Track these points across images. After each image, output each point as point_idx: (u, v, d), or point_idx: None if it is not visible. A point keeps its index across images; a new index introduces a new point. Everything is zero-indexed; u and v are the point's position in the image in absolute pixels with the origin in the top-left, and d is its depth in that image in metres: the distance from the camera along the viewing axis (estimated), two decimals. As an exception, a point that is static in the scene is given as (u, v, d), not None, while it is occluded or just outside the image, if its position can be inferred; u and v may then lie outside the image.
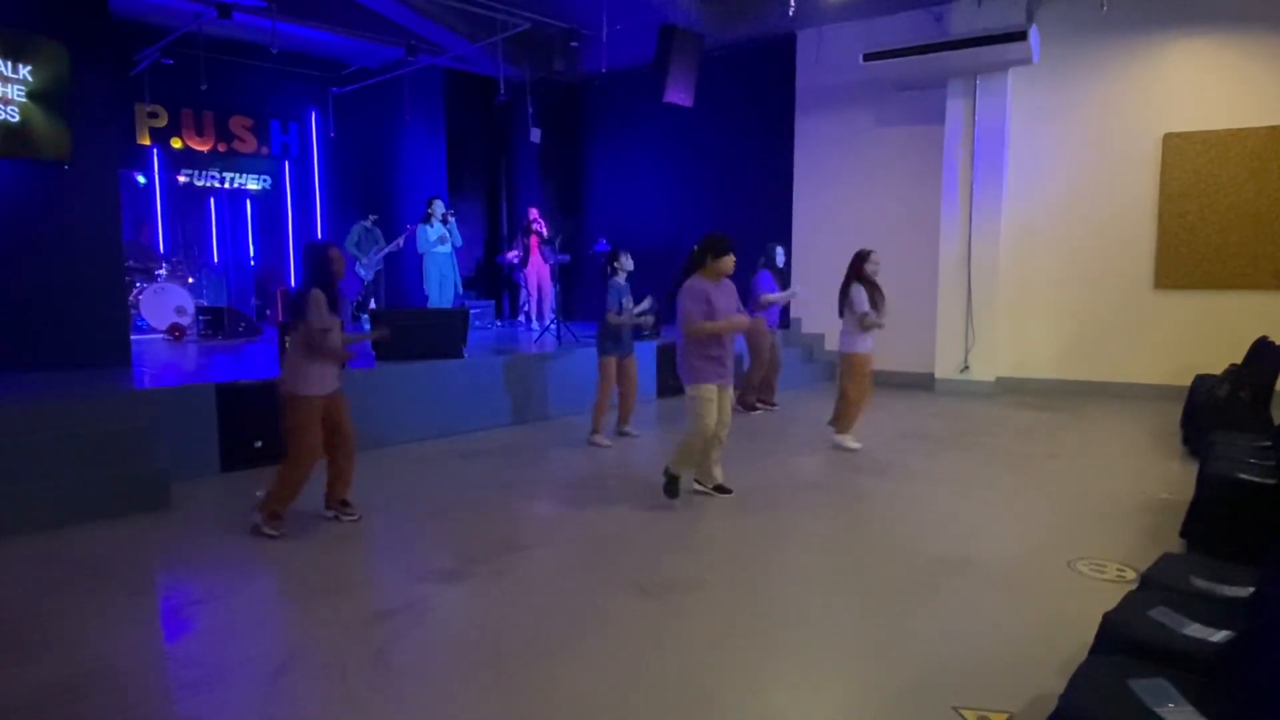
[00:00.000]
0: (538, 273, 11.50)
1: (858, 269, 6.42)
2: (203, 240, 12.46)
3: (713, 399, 4.91)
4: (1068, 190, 9.21)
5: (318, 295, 4.33)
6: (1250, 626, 2.19)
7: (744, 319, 5.08)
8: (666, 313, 5.80)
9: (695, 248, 4.99)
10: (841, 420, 6.58)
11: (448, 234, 10.19)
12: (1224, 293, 8.49)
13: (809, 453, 6.49)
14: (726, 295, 5.00)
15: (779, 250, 8.47)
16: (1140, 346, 8.93)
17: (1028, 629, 3.25)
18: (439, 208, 10.26)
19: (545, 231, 11.07)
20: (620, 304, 6.68)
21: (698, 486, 5.22)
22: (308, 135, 13.34)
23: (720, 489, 5.19)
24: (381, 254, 11.01)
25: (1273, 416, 5.84)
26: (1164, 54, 8.65)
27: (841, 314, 6.47)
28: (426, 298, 10.27)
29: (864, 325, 6.31)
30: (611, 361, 6.78)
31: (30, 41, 6.29)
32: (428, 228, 10.10)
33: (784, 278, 8.48)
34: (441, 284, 10.23)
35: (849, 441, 6.51)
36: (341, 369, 4.63)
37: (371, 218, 11.11)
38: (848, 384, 6.49)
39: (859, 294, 6.31)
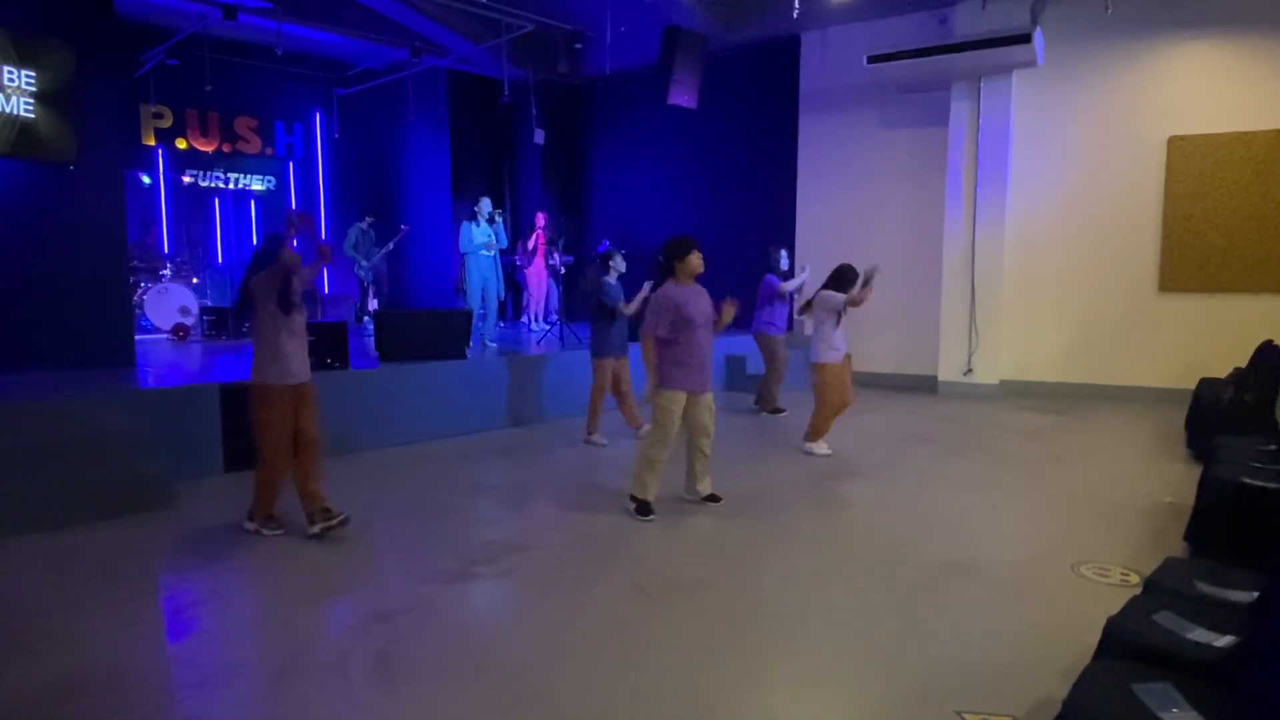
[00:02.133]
0: (538, 275, 11.53)
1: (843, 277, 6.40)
2: (207, 240, 12.50)
3: (678, 408, 4.76)
4: (1072, 193, 9.19)
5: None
6: (1254, 631, 2.18)
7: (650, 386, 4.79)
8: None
9: (660, 258, 4.83)
10: (811, 429, 6.50)
11: (493, 236, 9.56)
12: (1229, 296, 8.47)
13: (811, 455, 6.48)
14: (701, 299, 4.85)
15: (782, 253, 8.47)
16: (1144, 349, 8.91)
17: (1031, 632, 3.24)
18: (486, 207, 9.59)
19: (545, 237, 11.15)
20: (617, 299, 6.77)
21: (687, 497, 5.12)
22: (312, 136, 13.38)
23: (710, 498, 5.06)
24: (379, 255, 11.04)
25: (1278, 420, 5.82)
26: (1168, 57, 8.64)
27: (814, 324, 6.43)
28: (464, 298, 9.72)
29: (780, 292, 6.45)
30: (607, 364, 6.79)
31: (36, 42, 6.31)
32: (473, 227, 9.46)
33: (787, 279, 8.50)
34: (485, 287, 9.54)
35: (817, 448, 6.44)
36: (306, 363, 4.43)
37: (368, 219, 11.11)
38: (816, 393, 6.44)
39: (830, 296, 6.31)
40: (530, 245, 11.59)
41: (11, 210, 6.40)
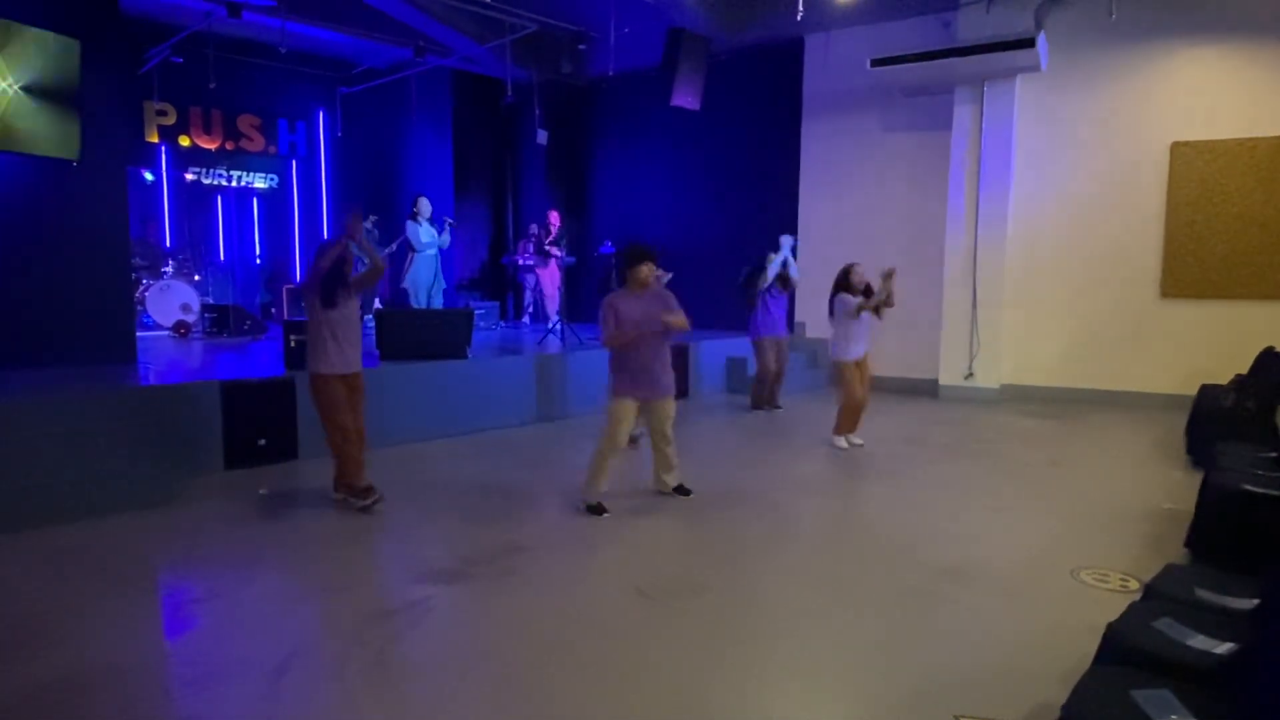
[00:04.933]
0: (550, 276, 11.55)
1: (842, 282, 6.68)
2: (209, 238, 12.49)
3: (626, 416, 4.86)
4: (1074, 198, 9.18)
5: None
6: (1254, 638, 2.18)
7: (679, 319, 4.77)
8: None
9: (615, 263, 4.93)
10: (837, 423, 6.83)
11: (436, 235, 10.35)
12: (1230, 302, 8.46)
13: (811, 457, 6.49)
14: (648, 305, 4.84)
15: (777, 252, 8.34)
16: (1146, 355, 8.90)
17: (1030, 638, 3.24)
18: (426, 208, 10.31)
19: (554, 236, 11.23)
20: None
21: (656, 489, 5.29)
22: (315, 135, 13.38)
23: (679, 490, 5.24)
24: (383, 255, 11.09)
25: (1278, 427, 5.82)
26: (1172, 62, 8.63)
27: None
28: (410, 295, 10.40)
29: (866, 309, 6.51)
30: None
31: (41, 38, 6.31)
32: (419, 227, 10.18)
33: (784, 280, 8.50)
34: (428, 285, 10.35)
35: (839, 441, 6.77)
36: (356, 355, 4.92)
37: (372, 218, 11.17)
38: (839, 389, 6.83)
39: (844, 300, 6.60)
40: (545, 245, 11.63)
41: (14, 206, 6.40)
